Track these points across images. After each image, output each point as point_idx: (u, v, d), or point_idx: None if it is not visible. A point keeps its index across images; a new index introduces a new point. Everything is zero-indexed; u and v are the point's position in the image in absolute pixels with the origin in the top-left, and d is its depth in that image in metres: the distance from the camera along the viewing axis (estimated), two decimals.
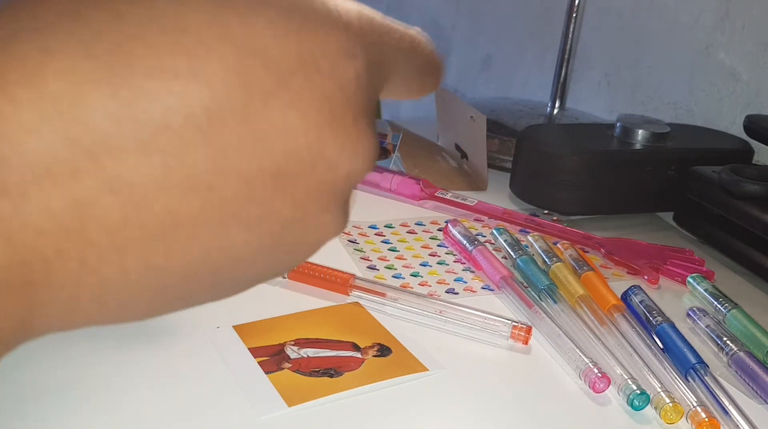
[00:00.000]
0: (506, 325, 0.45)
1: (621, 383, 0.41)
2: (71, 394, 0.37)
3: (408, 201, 0.66)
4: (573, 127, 0.79)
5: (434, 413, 0.39)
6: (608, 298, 0.49)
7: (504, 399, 0.41)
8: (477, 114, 0.70)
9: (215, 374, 0.39)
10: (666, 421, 0.39)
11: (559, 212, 0.67)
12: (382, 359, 0.42)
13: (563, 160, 0.66)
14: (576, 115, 0.86)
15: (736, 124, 0.77)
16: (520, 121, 0.80)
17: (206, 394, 0.38)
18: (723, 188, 0.60)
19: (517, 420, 0.39)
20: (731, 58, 0.79)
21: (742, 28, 0.78)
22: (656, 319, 0.47)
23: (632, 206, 0.69)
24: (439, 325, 0.46)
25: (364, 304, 0.48)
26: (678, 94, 0.86)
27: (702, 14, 0.82)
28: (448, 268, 0.55)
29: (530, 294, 0.50)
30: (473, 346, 0.45)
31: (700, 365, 0.43)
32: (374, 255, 0.55)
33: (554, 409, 0.40)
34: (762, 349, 0.46)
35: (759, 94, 0.76)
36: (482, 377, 0.42)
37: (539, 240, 0.57)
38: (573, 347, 0.44)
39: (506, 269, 0.53)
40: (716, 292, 0.53)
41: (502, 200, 0.69)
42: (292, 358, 0.41)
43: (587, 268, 0.52)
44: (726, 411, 0.39)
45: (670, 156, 0.68)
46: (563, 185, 0.65)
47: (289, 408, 0.37)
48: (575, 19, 0.84)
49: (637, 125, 0.68)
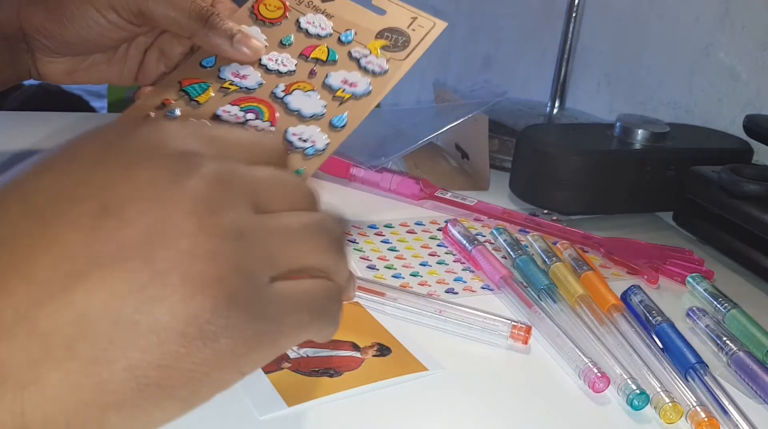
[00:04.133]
0: (506, 325, 0.45)
1: (620, 383, 0.41)
2: None
3: (408, 201, 0.66)
4: (572, 126, 0.79)
5: (434, 413, 0.39)
6: (608, 297, 0.49)
7: (503, 399, 0.41)
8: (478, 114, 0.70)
9: None
10: (665, 420, 0.39)
11: (558, 212, 0.67)
12: (381, 359, 0.42)
13: (563, 159, 0.66)
14: (575, 115, 0.86)
15: (736, 124, 0.77)
16: (520, 121, 0.80)
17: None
18: (722, 188, 0.60)
19: (517, 420, 0.39)
20: (731, 58, 0.79)
21: (742, 28, 0.78)
22: (656, 319, 0.47)
23: (632, 206, 0.69)
24: (438, 325, 0.46)
25: (363, 303, 0.48)
26: (677, 94, 0.86)
27: (702, 14, 0.82)
28: (448, 268, 0.55)
29: (530, 294, 0.50)
30: (473, 346, 0.45)
31: (699, 365, 0.43)
32: (374, 255, 0.55)
33: (554, 408, 0.40)
34: (761, 349, 0.46)
35: (759, 93, 0.76)
36: (482, 377, 0.42)
37: (539, 240, 0.57)
38: (572, 347, 0.44)
39: (506, 269, 0.53)
40: (716, 292, 0.53)
41: (501, 200, 0.69)
42: (292, 358, 0.41)
43: (587, 268, 0.52)
44: (725, 411, 0.39)
45: (669, 156, 0.68)
46: (563, 185, 0.65)
47: (288, 408, 0.37)
48: (575, 18, 0.84)
49: (637, 125, 0.68)
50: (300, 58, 0.53)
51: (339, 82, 0.52)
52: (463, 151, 0.76)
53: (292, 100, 0.51)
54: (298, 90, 0.51)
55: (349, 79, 0.52)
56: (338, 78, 0.52)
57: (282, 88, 0.52)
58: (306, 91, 0.51)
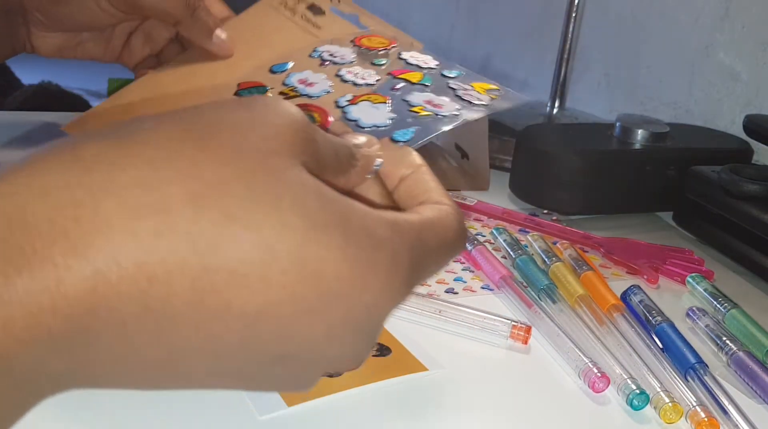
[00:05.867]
0: (505, 325, 0.45)
1: (620, 383, 0.41)
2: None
3: None
4: (572, 126, 0.79)
5: (433, 413, 0.39)
6: (607, 297, 0.49)
7: (503, 399, 0.41)
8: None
9: None
10: (665, 420, 0.39)
11: (558, 212, 0.67)
12: (381, 359, 0.42)
13: (563, 159, 0.66)
14: (575, 115, 0.86)
15: (736, 124, 0.77)
16: (520, 120, 0.80)
17: (206, 393, 0.38)
18: (722, 188, 0.60)
19: (517, 420, 0.39)
20: (731, 58, 0.79)
21: (742, 28, 0.78)
22: (655, 319, 0.47)
23: (632, 206, 0.69)
24: (438, 325, 0.46)
25: None
26: (677, 93, 0.86)
27: (702, 14, 0.82)
28: (448, 268, 0.55)
29: (529, 294, 0.50)
30: (472, 346, 0.45)
31: (699, 365, 0.43)
32: None
33: (553, 408, 0.40)
34: (761, 348, 0.46)
35: (758, 93, 0.76)
36: (481, 377, 0.42)
37: (539, 240, 0.57)
38: (572, 347, 0.44)
39: (506, 269, 0.53)
40: (716, 292, 0.53)
41: (501, 200, 0.69)
42: None
43: (587, 268, 0.52)
44: (725, 411, 0.39)
45: (669, 156, 0.68)
46: (563, 185, 0.65)
47: (288, 408, 0.37)
48: (575, 18, 0.84)
49: (637, 125, 0.68)
50: (386, 76, 0.50)
51: (421, 101, 0.48)
52: (463, 150, 0.76)
53: (354, 110, 0.48)
54: (366, 101, 0.48)
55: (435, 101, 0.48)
56: (422, 98, 0.48)
57: (348, 98, 0.49)
58: (375, 103, 0.48)
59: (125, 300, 0.20)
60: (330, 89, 0.50)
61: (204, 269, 0.21)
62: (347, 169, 0.27)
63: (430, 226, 0.26)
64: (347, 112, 0.48)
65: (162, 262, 0.21)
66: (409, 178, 0.29)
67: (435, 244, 0.26)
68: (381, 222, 0.24)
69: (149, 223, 0.21)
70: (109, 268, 0.20)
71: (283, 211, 0.22)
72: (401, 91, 0.50)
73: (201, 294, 0.21)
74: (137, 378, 0.23)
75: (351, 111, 0.48)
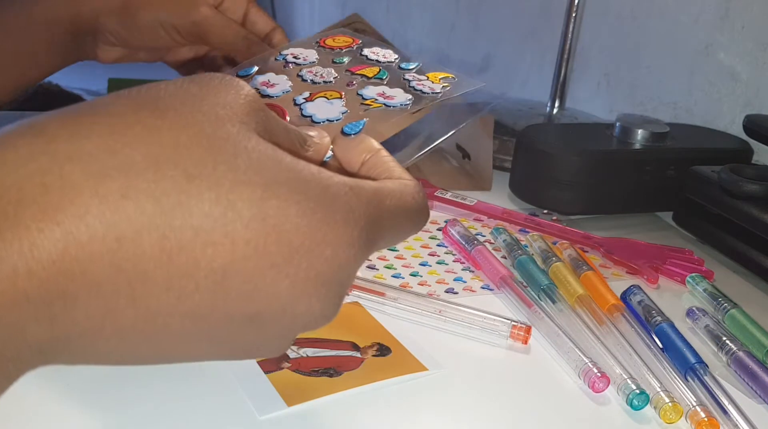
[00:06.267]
0: (505, 325, 0.45)
1: (620, 383, 0.41)
2: (69, 387, 0.37)
3: None
4: (572, 126, 0.79)
5: (433, 413, 0.39)
6: (607, 297, 0.49)
7: (503, 398, 0.41)
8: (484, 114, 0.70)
9: (215, 374, 0.39)
10: (665, 420, 0.39)
11: (558, 212, 0.67)
12: (381, 359, 0.42)
13: (563, 159, 0.66)
14: (575, 115, 0.86)
15: (736, 124, 0.77)
16: (520, 120, 0.81)
17: (206, 393, 0.38)
18: (722, 188, 0.60)
19: (517, 419, 0.39)
20: (731, 58, 0.79)
21: (742, 28, 0.78)
22: (655, 319, 0.47)
23: (632, 206, 0.69)
24: (438, 325, 0.46)
25: (363, 303, 0.48)
26: (677, 94, 0.86)
27: (701, 14, 0.82)
28: (448, 268, 0.55)
29: (529, 294, 0.50)
30: (472, 346, 0.45)
31: (699, 365, 0.43)
32: (373, 254, 0.55)
33: (553, 408, 0.40)
34: (761, 348, 0.46)
35: (758, 93, 0.76)
36: (481, 377, 0.42)
37: (538, 240, 0.57)
38: (572, 347, 0.44)
39: (506, 269, 0.53)
40: (715, 292, 0.53)
41: (501, 200, 0.69)
42: (292, 358, 0.41)
43: (586, 268, 0.52)
44: (725, 411, 0.39)
45: (669, 156, 0.68)
46: (563, 185, 0.65)
47: (288, 408, 0.37)
48: (574, 19, 0.84)
49: (637, 125, 0.68)
50: (344, 73, 0.52)
51: (374, 94, 0.49)
52: (464, 150, 0.76)
53: (309, 106, 0.49)
54: (322, 98, 0.50)
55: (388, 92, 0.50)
56: (375, 91, 0.50)
57: (305, 96, 0.50)
58: (331, 99, 0.49)
59: (97, 261, 0.21)
60: (290, 89, 0.52)
61: (170, 227, 0.22)
62: (298, 151, 0.29)
63: (389, 192, 0.28)
64: (303, 108, 0.50)
65: (129, 221, 0.22)
66: (369, 160, 0.31)
67: (392, 206, 0.27)
68: (337, 181, 0.25)
69: (115, 185, 0.22)
70: (79, 229, 0.21)
71: (240, 169, 0.23)
72: (356, 86, 0.51)
73: (169, 253, 0.22)
74: (116, 347, 0.23)
75: (306, 107, 0.50)
